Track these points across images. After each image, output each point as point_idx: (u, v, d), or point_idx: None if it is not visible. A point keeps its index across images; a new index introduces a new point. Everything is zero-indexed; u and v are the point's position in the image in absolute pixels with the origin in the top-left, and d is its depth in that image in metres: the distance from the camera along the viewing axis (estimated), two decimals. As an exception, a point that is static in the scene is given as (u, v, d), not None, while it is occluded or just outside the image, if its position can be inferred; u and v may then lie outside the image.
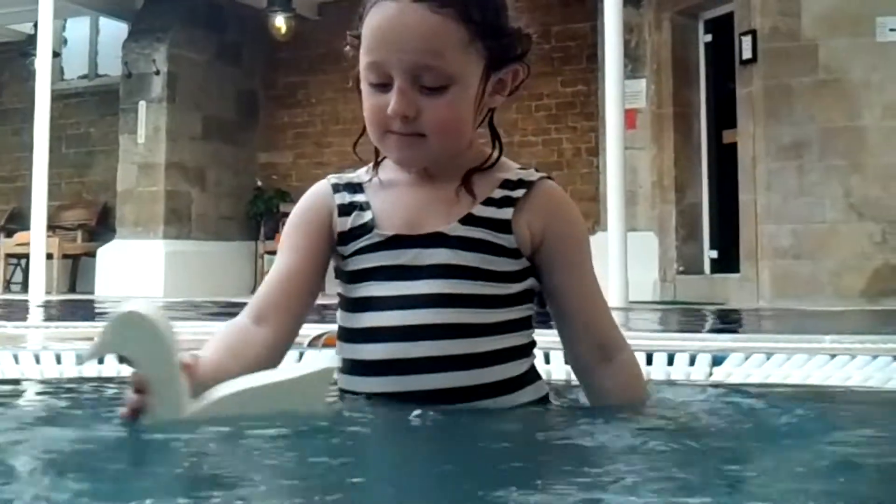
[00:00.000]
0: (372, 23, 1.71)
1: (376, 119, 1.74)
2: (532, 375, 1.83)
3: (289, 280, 1.83)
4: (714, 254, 10.60)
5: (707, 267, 10.67)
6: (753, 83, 9.25)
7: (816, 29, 8.98)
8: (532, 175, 1.82)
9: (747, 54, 9.29)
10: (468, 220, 1.76)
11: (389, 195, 1.83)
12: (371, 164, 1.87)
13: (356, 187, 1.85)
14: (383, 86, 1.72)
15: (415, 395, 1.72)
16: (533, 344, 1.83)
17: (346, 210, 1.83)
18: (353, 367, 1.79)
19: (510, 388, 1.77)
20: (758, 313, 7.66)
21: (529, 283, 1.80)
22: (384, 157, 1.86)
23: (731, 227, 9.76)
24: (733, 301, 9.24)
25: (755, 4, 9.26)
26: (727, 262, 10.13)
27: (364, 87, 1.76)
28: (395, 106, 1.70)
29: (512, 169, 1.83)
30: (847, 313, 7.25)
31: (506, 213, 1.77)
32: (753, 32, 9.22)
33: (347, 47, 1.81)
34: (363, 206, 1.82)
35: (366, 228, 1.80)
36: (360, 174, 1.87)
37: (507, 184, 1.79)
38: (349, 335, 1.81)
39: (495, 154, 1.83)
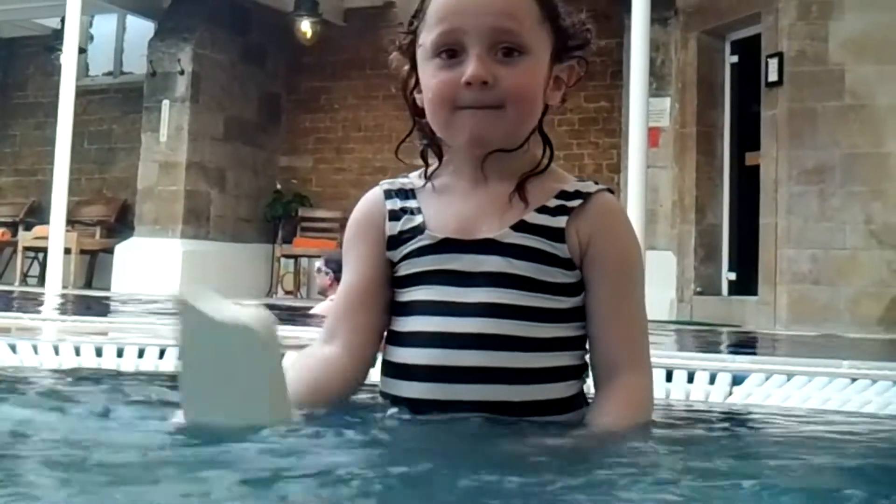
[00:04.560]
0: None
1: (447, 94, 1.69)
2: (579, 400, 1.78)
3: (352, 293, 1.81)
4: (732, 276, 10.54)
5: (725, 289, 10.60)
6: (778, 106, 9.20)
7: (844, 54, 8.92)
8: (590, 187, 1.79)
9: (773, 77, 9.24)
10: (521, 226, 1.73)
11: (442, 200, 1.79)
12: (422, 169, 1.84)
13: (408, 193, 1.82)
14: (453, 57, 1.69)
15: (457, 405, 1.67)
16: (585, 366, 1.78)
17: (395, 215, 1.80)
18: (396, 371, 1.75)
19: (556, 409, 1.72)
20: (775, 336, 7.61)
21: (583, 298, 1.76)
22: (436, 167, 1.83)
23: (750, 249, 9.70)
24: (750, 324, 9.18)
25: (782, 27, 9.22)
26: (745, 284, 10.07)
27: (428, 68, 1.73)
28: (474, 70, 1.66)
29: (570, 180, 1.81)
30: (865, 341, 7.19)
31: (560, 222, 1.74)
32: (780, 55, 9.17)
33: (394, 53, 1.79)
34: (413, 211, 1.79)
35: (416, 231, 1.77)
36: (413, 180, 1.84)
37: (564, 194, 1.77)
38: (395, 338, 1.78)
39: (545, 159, 1.81)
